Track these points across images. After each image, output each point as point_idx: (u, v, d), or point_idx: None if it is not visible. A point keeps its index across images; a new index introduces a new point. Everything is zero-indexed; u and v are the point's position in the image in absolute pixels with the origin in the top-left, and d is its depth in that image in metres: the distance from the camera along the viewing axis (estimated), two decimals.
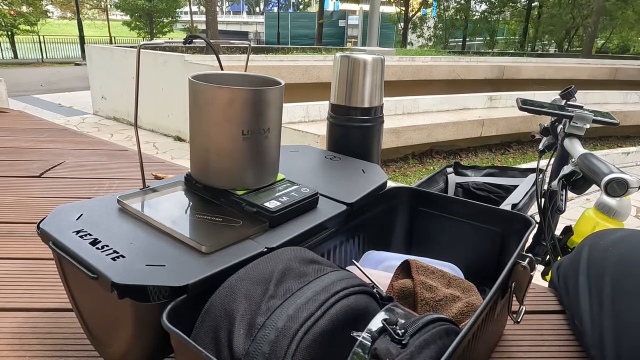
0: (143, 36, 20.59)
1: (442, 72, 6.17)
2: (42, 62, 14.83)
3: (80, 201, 0.54)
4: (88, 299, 0.49)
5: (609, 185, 0.85)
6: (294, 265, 0.42)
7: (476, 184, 1.36)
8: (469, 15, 20.27)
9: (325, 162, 0.75)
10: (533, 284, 0.67)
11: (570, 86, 1.16)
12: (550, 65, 7.73)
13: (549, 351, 0.59)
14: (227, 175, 0.56)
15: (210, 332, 0.37)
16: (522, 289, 0.48)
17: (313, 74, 5.07)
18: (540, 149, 1.29)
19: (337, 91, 0.84)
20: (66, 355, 0.55)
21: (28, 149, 1.43)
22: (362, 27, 17.87)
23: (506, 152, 4.97)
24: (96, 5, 26.40)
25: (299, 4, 38.21)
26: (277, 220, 0.52)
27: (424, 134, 4.26)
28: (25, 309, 0.63)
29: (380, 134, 0.87)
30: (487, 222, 0.64)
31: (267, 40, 27.09)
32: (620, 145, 5.41)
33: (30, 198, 1.03)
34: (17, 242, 0.83)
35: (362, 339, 0.36)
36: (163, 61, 5.14)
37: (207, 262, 0.44)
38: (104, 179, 1.17)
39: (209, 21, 13.03)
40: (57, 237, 0.46)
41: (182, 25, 30.05)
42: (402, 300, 0.53)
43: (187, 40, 0.58)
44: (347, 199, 0.60)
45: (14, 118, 1.90)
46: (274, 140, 0.58)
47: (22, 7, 16.79)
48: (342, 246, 0.63)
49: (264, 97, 0.54)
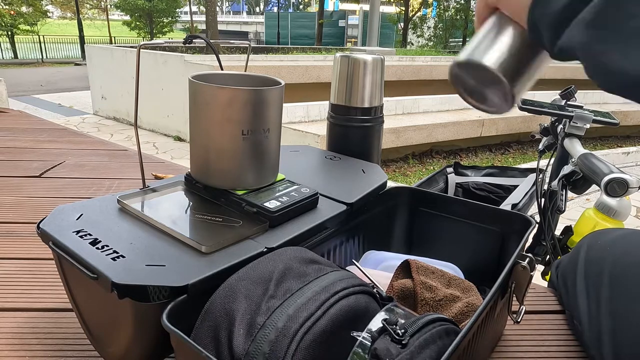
0: (143, 36, 20.60)
1: (442, 72, 6.17)
2: (42, 62, 14.83)
3: (80, 201, 0.54)
4: (88, 299, 0.49)
5: (609, 185, 0.85)
6: (294, 265, 0.42)
7: (476, 184, 1.36)
8: (469, 15, 20.28)
9: (325, 162, 0.75)
10: (533, 284, 0.67)
11: (570, 86, 1.16)
12: (550, 65, 7.71)
13: (549, 351, 0.59)
14: (227, 175, 0.56)
15: (210, 332, 0.37)
16: (522, 289, 0.48)
17: (313, 74, 5.08)
18: (540, 149, 1.29)
19: (337, 91, 0.84)
20: (66, 355, 0.55)
21: (28, 149, 1.43)
22: (362, 27, 17.89)
23: (506, 152, 4.98)
24: (96, 5, 26.41)
25: (299, 4, 38.22)
26: (277, 220, 0.52)
27: (424, 134, 4.26)
28: (25, 309, 0.63)
29: (380, 134, 0.87)
30: (487, 222, 0.64)
31: (267, 40, 27.09)
32: (620, 145, 5.41)
33: (30, 198, 1.03)
34: (17, 242, 0.83)
35: (362, 339, 0.36)
36: (163, 61, 5.14)
37: (207, 262, 0.44)
38: (104, 179, 1.17)
39: (209, 21, 13.04)
40: (57, 237, 0.46)
41: (182, 25, 30.08)
42: (402, 300, 0.53)
43: (187, 40, 0.58)
44: (347, 199, 0.60)
45: (13, 118, 1.90)
46: (274, 140, 0.58)
47: (22, 7, 16.80)
48: (342, 246, 0.63)
49: (264, 97, 0.54)
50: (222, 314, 0.37)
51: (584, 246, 0.66)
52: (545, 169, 1.20)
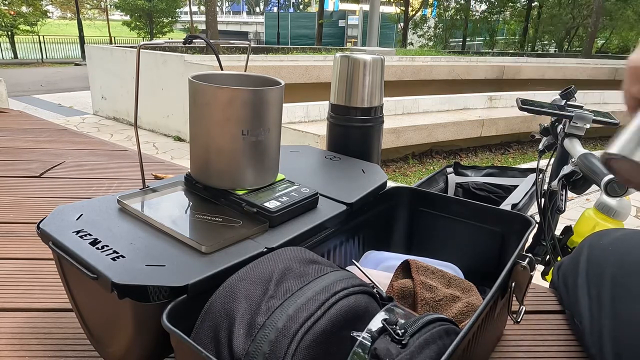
0: (143, 36, 20.60)
1: (442, 72, 6.17)
2: (42, 62, 14.83)
3: (80, 201, 0.54)
4: (88, 299, 0.49)
5: (608, 185, 0.85)
6: (294, 265, 0.42)
7: (476, 184, 1.36)
8: (469, 15, 20.27)
9: (325, 162, 0.75)
10: (533, 284, 0.67)
11: (570, 86, 1.16)
12: (550, 65, 7.74)
13: (549, 351, 0.59)
14: (227, 175, 0.56)
15: (210, 332, 0.37)
16: (522, 289, 0.48)
17: (313, 74, 5.08)
18: (540, 149, 1.28)
19: (337, 91, 0.84)
20: (66, 356, 0.55)
21: (28, 149, 1.43)
22: (362, 27, 17.87)
23: (506, 152, 4.98)
24: (96, 6, 26.40)
25: (299, 4, 38.21)
26: (277, 220, 0.52)
27: (424, 134, 4.26)
28: (25, 309, 0.63)
29: (380, 134, 0.87)
30: (487, 222, 0.63)
31: (267, 41, 27.10)
32: None
33: (29, 198, 1.03)
34: (17, 242, 0.83)
35: (362, 339, 0.36)
36: (163, 61, 5.14)
37: (207, 262, 0.44)
38: (104, 179, 1.17)
39: (209, 21, 13.03)
40: (57, 237, 0.46)
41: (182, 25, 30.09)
42: (402, 300, 0.53)
43: (187, 40, 0.58)
44: (347, 199, 0.60)
45: (13, 118, 1.90)
46: (274, 140, 0.58)
47: (22, 7, 16.80)
48: (342, 246, 0.63)
49: (264, 97, 0.54)
50: (222, 314, 0.37)
51: (586, 247, 0.66)
52: (545, 169, 1.20)
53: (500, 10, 20.23)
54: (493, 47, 20.21)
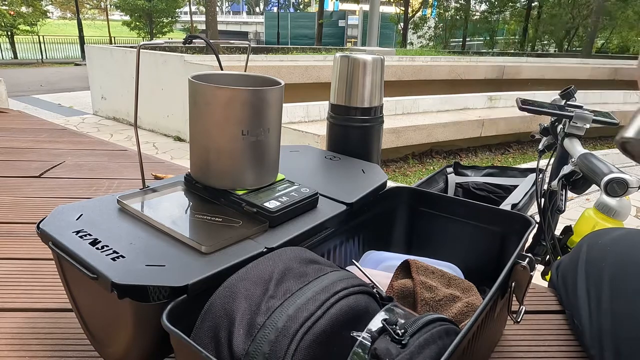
0: (143, 36, 20.60)
1: (442, 72, 6.17)
2: (42, 62, 14.83)
3: (80, 201, 0.54)
4: (88, 299, 0.49)
5: (608, 185, 0.85)
6: (294, 265, 0.42)
7: (476, 184, 1.36)
8: (469, 15, 20.27)
9: (325, 162, 0.75)
10: (533, 284, 0.67)
11: (570, 86, 1.16)
12: (550, 65, 7.74)
13: (549, 351, 0.59)
14: (227, 175, 0.56)
15: (210, 332, 0.37)
16: (522, 289, 0.48)
17: (313, 74, 5.07)
18: (540, 149, 1.29)
19: (337, 91, 0.84)
20: (66, 356, 0.55)
21: (27, 149, 1.43)
22: (362, 27, 17.87)
23: (506, 152, 4.98)
24: (96, 6, 26.41)
25: (298, 4, 38.21)
26: (277, 220, 0.52)
27: (424, 134, 4.26)
28: (25, 309, 0.63)
29: (380, 134, 0.87)
30: (487, 222, 0.63)
31: (267, 41, 27.09)
32: None
33: (29, 198, 1.03)
34: (17, 242, 0.83)
35: (362, 339, 0.36)
36: (163, 61, 5.14)
37: (207, 262, 0.44)
38: (104, 179, 1.17)
39: (209, 21, 13.04)
40: (57, 237, 0.46)
41: (181, 26, 30.08)
42: (402, 300, 0.53)
43: (187, 40, 0.58)
44: (347, 199, 0.60)
45: (13, 118, 1.90)
46: (274, 140, 0.58)
47: (22, 7, 16.80)
48: (342, 246, 0.63)
49: (264, 97, 0.54)
50: (222, 314, 0.37)
51: (584, 246, 0.66)
52: (545, 169, 1.20)
53: (500, 10, 20.23)
54: (493, 47, 20.21)
